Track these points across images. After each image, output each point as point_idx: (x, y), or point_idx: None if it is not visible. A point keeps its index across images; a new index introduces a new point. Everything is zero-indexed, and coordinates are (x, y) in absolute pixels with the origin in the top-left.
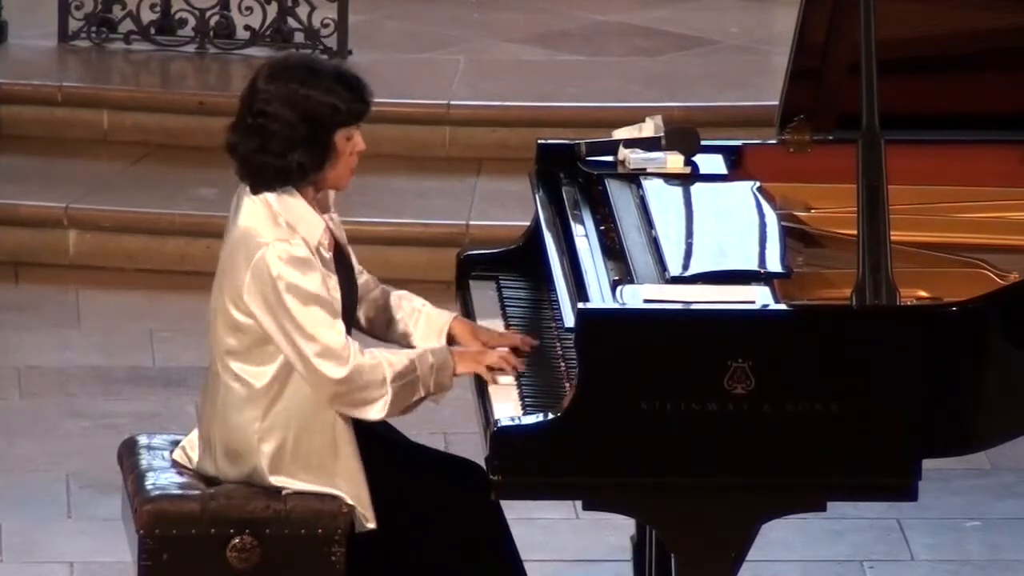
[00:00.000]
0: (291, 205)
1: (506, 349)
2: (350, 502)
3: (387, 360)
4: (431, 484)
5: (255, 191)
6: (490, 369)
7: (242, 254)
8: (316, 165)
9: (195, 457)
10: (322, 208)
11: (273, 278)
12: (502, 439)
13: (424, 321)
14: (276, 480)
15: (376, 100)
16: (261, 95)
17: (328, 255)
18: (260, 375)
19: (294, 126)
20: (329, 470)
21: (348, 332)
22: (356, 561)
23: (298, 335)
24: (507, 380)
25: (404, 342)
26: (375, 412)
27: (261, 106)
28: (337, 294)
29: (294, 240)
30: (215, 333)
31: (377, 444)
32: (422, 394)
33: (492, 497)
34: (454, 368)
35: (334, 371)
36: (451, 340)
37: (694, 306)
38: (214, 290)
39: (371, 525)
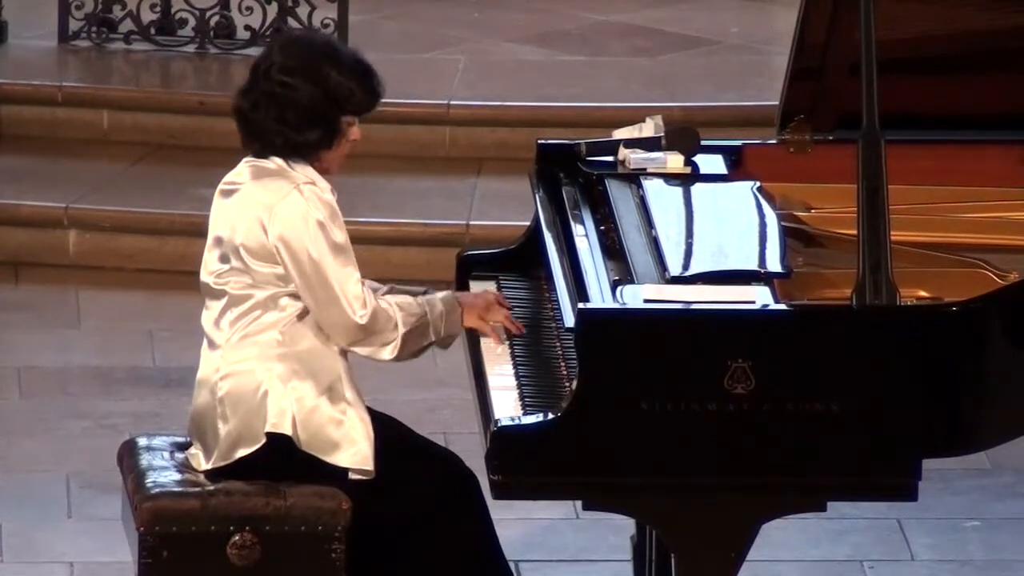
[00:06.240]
0: (301, 165)
1: (508, 312)
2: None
3: (399, 305)
4: (420, 482)
5: (260, 155)
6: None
7: (268, 198)
8: (326, 144)
9: (201, 463)
10: None
11: (305, 218)
12: (502, 439)
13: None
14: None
15: None
16: (281, 65)
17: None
18: (271, 325)
19: (315, 101)
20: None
21: None
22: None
23: (323, 279)
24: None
25: None
26: (386, 354)
27: (281, 76)
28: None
29: (320, 183)
30: (223, 288)
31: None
32: (432, 339)
33: (492, 497)
34: (461, 315)
35: (355, 317)
36: None
37: (694, 306)
38: (209, 255)
39: (369, 467)
